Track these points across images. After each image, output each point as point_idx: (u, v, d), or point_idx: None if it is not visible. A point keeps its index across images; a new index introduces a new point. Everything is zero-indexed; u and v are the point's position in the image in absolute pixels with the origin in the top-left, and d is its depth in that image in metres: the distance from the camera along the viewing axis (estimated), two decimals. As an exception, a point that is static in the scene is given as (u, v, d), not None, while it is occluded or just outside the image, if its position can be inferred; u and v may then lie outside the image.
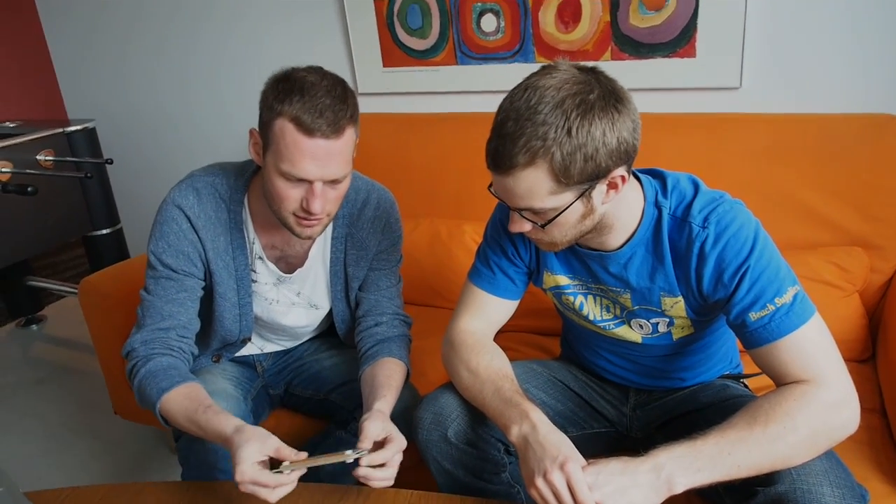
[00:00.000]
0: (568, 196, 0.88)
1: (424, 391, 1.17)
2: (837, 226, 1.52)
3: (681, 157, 1.61)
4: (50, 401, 2.27)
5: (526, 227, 0.94)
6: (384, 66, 2.09)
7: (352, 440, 1.29)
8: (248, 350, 1.40)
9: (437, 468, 1.08)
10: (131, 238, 2.64)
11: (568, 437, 0.90)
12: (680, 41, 1.70)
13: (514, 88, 0.87)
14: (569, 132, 0.82)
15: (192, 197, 1.17)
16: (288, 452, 0.92)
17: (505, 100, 0.88)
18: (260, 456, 0.91)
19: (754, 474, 0.85)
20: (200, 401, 1.05)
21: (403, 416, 1.16)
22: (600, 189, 0.90)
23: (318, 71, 1.05)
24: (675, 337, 1.09)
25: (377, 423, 1.00)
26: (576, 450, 0.87)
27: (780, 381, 0.91)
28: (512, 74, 0.93)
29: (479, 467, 1.06)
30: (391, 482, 0.97)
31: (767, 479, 0.87)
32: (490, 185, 0.94)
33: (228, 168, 1.22)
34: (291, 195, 1.06)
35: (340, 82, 1.05)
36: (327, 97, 1.01)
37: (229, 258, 1.20)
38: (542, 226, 0.92)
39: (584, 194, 0.89)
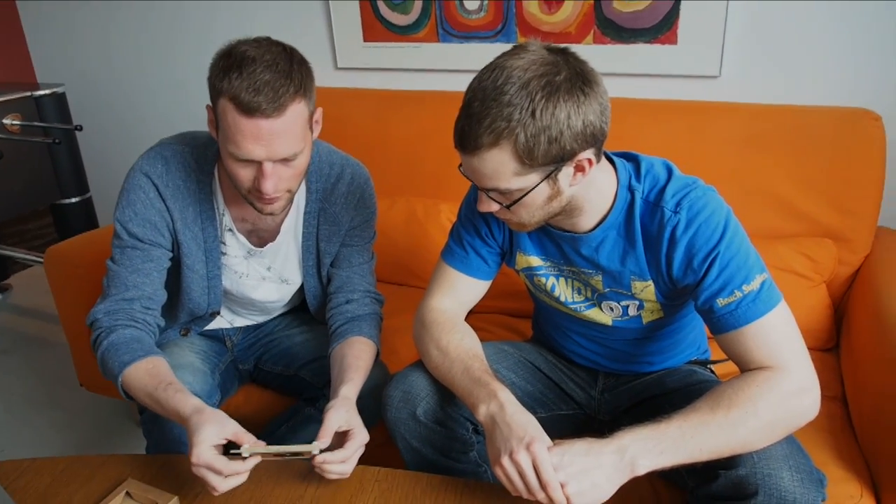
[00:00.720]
0: (533, 177, 0.88)
1: (395, 369, 1.17)
2: (809, 217, 1.54)
3: (659, 143, 1.61)
4: (13, 372, 2.23)
5: (494, 207, 0.94)
6: (364, 40, 2.06)
7: (319, 417, 1.30)
8: (217, 324, 1.38)
9: (405, 446, 1.08)
10: (101, 207, 2.58)
11: (536, 418, 0.91)
12: (662, 27, 1.69)
13: (483, 68, 0.87)
14: (533, 114, 0.82)
15: (160, 165, 1.13)
16: (247, 438, 0.91)
17: (474, 79, 0.87)
18: (217, 439, 0.91)
19: (716, 458, 0.86)
20: (161, 377, 1.03)
21: (373, 394, 1.16)
22: (566, 171, 0.90)
23: (262, 43, 0.99)
24: (644, 321, 1.09)
25: (340, 414, 0.99)
26: (542, 430, 0.88)
27: (745, 367, 0.93)
28: (493, 54, 0.92)
29: (448, 446, 1.07)
30: (347, 475, 0.97)
31: (729, 463, 0.88)
32: (460, 165, 0.94)
33: (199, 137, 1.19)
34: (243, 175, 1.03)
35: (286, 54, 0.99)
36: (267, 72, 0.95)
37: (198, 229, 1.17)
38: (508, 206, 0.92)
39: (550, 176, 0.89)
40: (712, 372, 1.23)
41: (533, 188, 0.89)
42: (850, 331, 1.41)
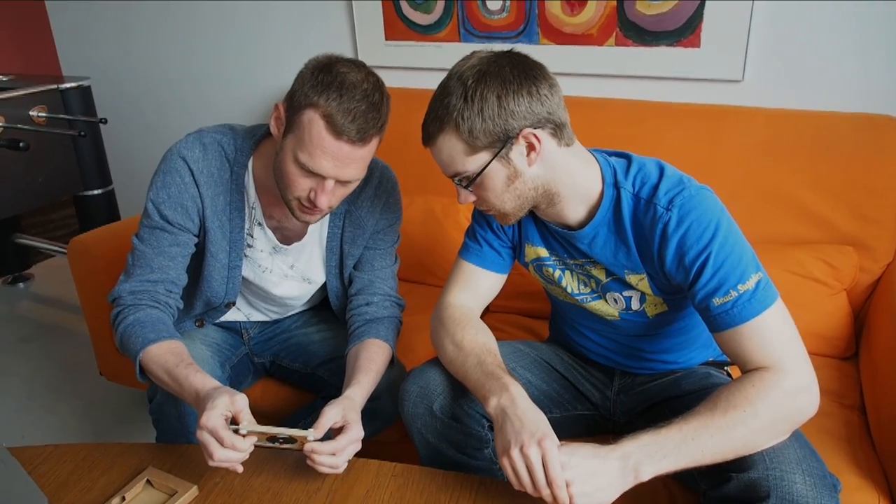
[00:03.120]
0: (483, 156, 0.96)
1: (413, 367, 1.18)
2: (830, 224, 1.53)
3: (679, 147, 1.61)
4: (34, 359, 2.27)
5: (469, 196, 1.02)
6: (386, 38, 2.07)
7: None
8: (233, 316, 1.40)
9: (422, 441, 1.09)
10: (123, 200, 2.62)
11: (552, 417, 0.91)
12: (685, 30, 1.69)
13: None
14: (465, 98, 0.93)
15: (197, 150, 1.16)
16: (248, 417, 0.92)
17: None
18: (228, 410, 0.92)
19: (720, 460, 0.87)
20: (183, 356, 1.05)
21: (390, 391, 1.17)
22: (518, 150, 0.96)
23: (361, 68, 1.04)
24: (649, 314, 1.10)
25: (336, 410, 0.99)
26: (551, 428, 0.89)
27: (744, 367, 0.94)
28: None
29: (463, 442, 1.07)
30: (339, 470, 0.97)
31: (741, 466, 0.89)
32: None
33: (238, 129, 1.21)
34: (301, 184, 1.06)
35: (380, 87, 1.05)
36: (364, 102, 1.00)
37: (226, 218, 1.19)
38: (467, 186, 1.00)
39: (500, 154, 0.95)
40: (729, 374, 1.23)
41: (486, 167, 0.96)
42: (871, 339, 1.40)
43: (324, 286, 1.36)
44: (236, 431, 0.91)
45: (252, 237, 1.24)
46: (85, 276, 1.75)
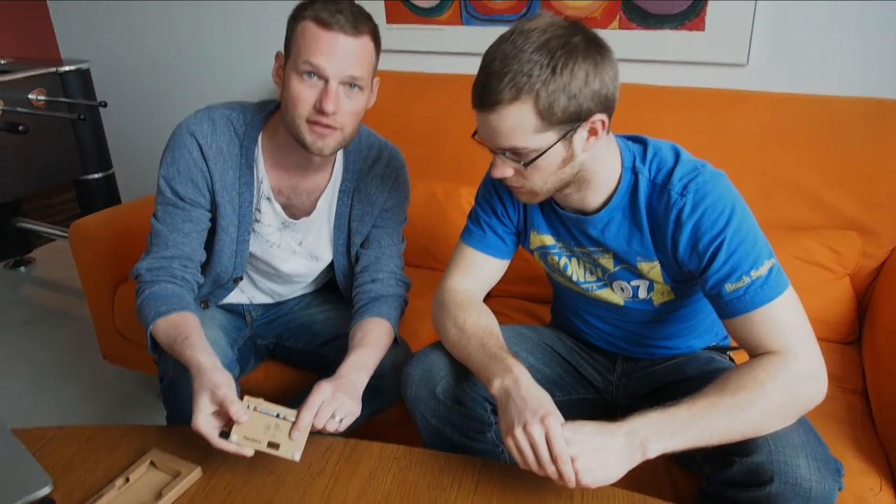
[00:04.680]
0: (550, 136, 0.90)
1: (416, 351, 1.18)
2: (833, 209, 1.53)
3: (682, 130, 1.60)
4: (38, 342, 2.27)
5: (508, 171, 0.95)
6: (388, 22, 2.05)
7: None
8: (237, 298, 1.40)
9: (425, 424, 1.09)
10: (123, 184, 2.61)
11: (554, 401, 0.91)
12: (690, 14, 1.67)
13: (502, 34, 0.90)
14: (553, 70, 0.85)
15: (206, 125, 1.17)
16: (235, 409, 0.92)
17: (492, 44, 0.91)
18: (211, 408, 0.93)
19: (726, 440, 0.87)
20: (182, 331, 1.07)
21: (394, 370, 1.17)
22: (581, 134, 0.92)
23: None
24: (655, 302, 1.10)
25: (327, 388, 0.99)
26: (556, 407, 0.89)
27: (753, 352, 0.93)
28: None
29: (466, 425, 1.08)
30: (339, 428, 0.98)
31: (744, 450, 0.89)
32: (475, 133, 0.95)
33: (247, 105, 1.23)
34: (306, 96, 1.06)
35: (362, 9, 1.09)
36: (348, 5, 1.05)
37: (235, 193, 1.20)
38: (525, 165, 0.92)
39: (566, 136, 0.90)
40: (731, 360, 1.23)
41: (549, 148, 0.90)
42: (874, 324, 1.40)
43: (330, 266, 1.36)
44: (227, 437, 0.92)
45: (260, 212, 1.24)
46: (86, 259, 1.75)
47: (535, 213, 1.11)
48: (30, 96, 2.18)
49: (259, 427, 0.94)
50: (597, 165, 0.98)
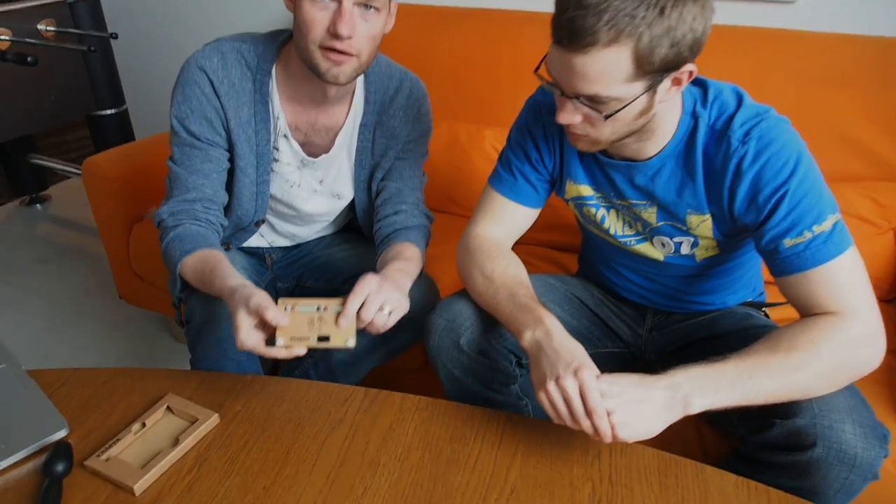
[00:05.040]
0: (638, 86, 0.80)
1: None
2: (881, 159, 1.44)
3: (724, 72, 1.45)
4: (54, 281, 2.26)
5: (577, 118, 0.86)
6: (410, -50, 1.93)
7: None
8: (256, 241, 1.36)
9: (447, 375, 1.06)
10: (136, 120, 2.54)
11: None
12: (737, -57, 1.55)
13: None
14: (661, 11, 0.74)
15: (216, 59, 1.10)
16: (271, 314, 0.88)
17: None
18: (251, 320, 0.90)
19: (772, 401, 0.82)
20: (208, 263, 1.04)
21: (420, 307, 1.12)
22: (665, 84, 0.82)
23: None
24: (698, 258, 1.04)
25: (372, 280, 0.94)
26: (590, 358, 0.85)
27: (808, 312, 0.88)
28: None
29: (489, 377, 1.04)
30: (384, 324, 0.95)
31: (786, 412, 0.85)
32: (537, 68, 0.86)
33: (258, 37, 1.15)
34: (319, 18, 0.99)
35: None
36: None
37: (252, 131, 1.14)
38: (606, 117, 0.83)
39: (653, 87, 0.81)
40: (766, 315, 1.18)
41: (634, 100, 0.81)
42: (917, 281, 1.34)
43: (350, 205, 1.32)
44: (273, 344, 0.90)
45: (278, 150, 1.19)
46: (100, 197, 1.72)
47: (573, 161, 1.04)
48: (38, 27, 2.10)
49: (303, 325, 0.91)
50: (665, 115, 0.90)
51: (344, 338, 0.91)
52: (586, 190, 1.05)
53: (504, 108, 1.86)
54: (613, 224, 1.06)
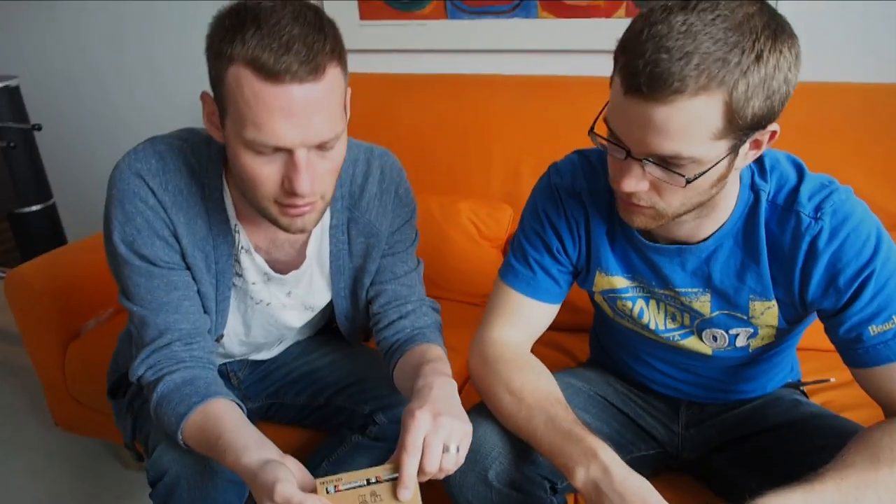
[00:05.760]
0: (722, 146, 0.69)
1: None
2: (878, 207, 1.35)
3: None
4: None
5: (644, 185, 0.73)
6: (361, 18, 1.83)
7: (371, 445, 1.10)
8: (219, 360, 1.17)
9: (472, 514, 0.89)
10: (66, 215, 2.31)
11: None
12: (706, -4, 1.50)
13: (658, 4, 0.67)
14: (758, 58, 0.64)
15: (154, 162, 0.89)
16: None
17: (645, 15, 0.67)
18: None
19: None
20: (210, 433, 0.84)
21: None
22: (745, 147, 0.72)
23: None
24: (751, 349, 0.92)
25: (425, 416, 0.75)
26: (661, 497, 0.71)
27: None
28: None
29: (523, 511, 0.88)
30: (459, 461, 0.77)
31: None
32: (592, 128, 0.74)
33: (199, 133, 0.94)
34: (266, 174, 0.79)
35: (312, 8, 0.77)
36: (295, 25, 0.73)
37: (209, 247, 0.94)
38: (688, 182, 0.70)
39: (736, 148, 0.70)
40: (804, 394, 1.07)
41: (718, 162, 0.69)
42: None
43: (327, 307, 1.14)
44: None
45: (240, 264, 0.99)
46: (27, 314, 1.49)
47: (603, 249, 0.91)
48: (-51, 121, 1.88)
49: None
50: (729, 185, 0.79)
51: None
52: (620, 281, 0.92)
53: (475, 176, 1.76)
54: (654, 318, 0.93)
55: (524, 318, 0.95)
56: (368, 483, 0.73)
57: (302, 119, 0.74)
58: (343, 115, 0.81)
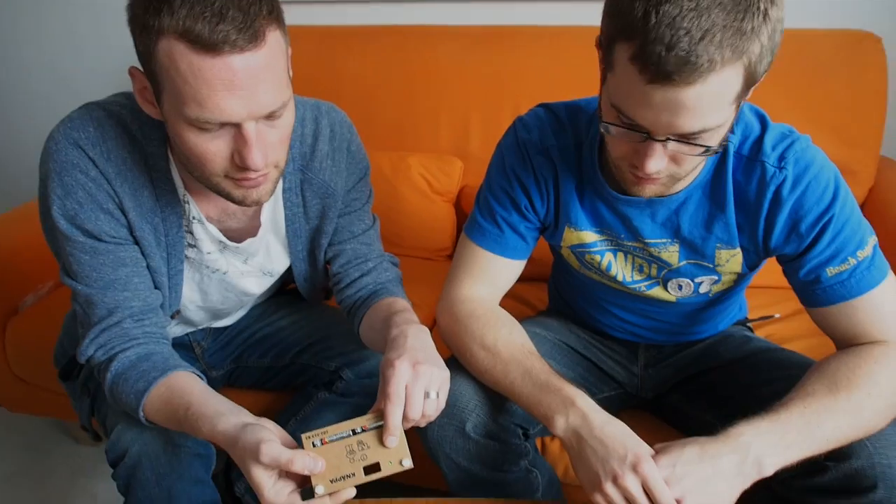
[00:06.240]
0: (733, 107, 0.69)
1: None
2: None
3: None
4: None
5: (665, 161, 0.74)
6: (298, -33, 1.75)
7: (338, 401, 1.09)
8: (180, 330, 1.14)
9: (450, 465, 0.92)
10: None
11: None
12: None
13: None
14: (765, 16, 0.63)
15: (92, 130, 0.82)
16: (300, 465, 0.69)
17: None
18: (269, 474, 0.70)
19: (838, 446, 0.75)
20: (178, 404, 0.81)
21: None
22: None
23: None
24: (711, 294, 0.97)
25: (404, 365, 0.75)
26: (640, 440, 0.75)
27: (850, 342, 0.82)
28: None
29: (500, 459, 0.92)
30: (440, 406, 0.78)
31: (839, 453, 0.78)
32: (600, 119, 0.74)
33: (135, 98, 0.83)
34: (214, 151, 0.75)
35: None
36: None
37: (158, 219, 0.89)
38: (709, 151, 0.71)
39: (740, 102, 0.70)
40: (751, 330, 1.14)
41: (727, 123, 0.70)
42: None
43: (286, 270, 1.11)
44: (311, 494, 0.70)
45: (192, 235, 0.95)
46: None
47: (573, 203, 0.92)
48: None
49: (342, 458, 0.72)
50: None
51: (397, 459, 0.73)
52: (589, 236, 0.93)
53: (423, 130, 1.74)
54: (621, 270, 0.96)
55: (492, 274, 0.96)
56: (354, 433, 0.74)
57: (246, 91, 0.70)
58: (288, 81, 0.77)
